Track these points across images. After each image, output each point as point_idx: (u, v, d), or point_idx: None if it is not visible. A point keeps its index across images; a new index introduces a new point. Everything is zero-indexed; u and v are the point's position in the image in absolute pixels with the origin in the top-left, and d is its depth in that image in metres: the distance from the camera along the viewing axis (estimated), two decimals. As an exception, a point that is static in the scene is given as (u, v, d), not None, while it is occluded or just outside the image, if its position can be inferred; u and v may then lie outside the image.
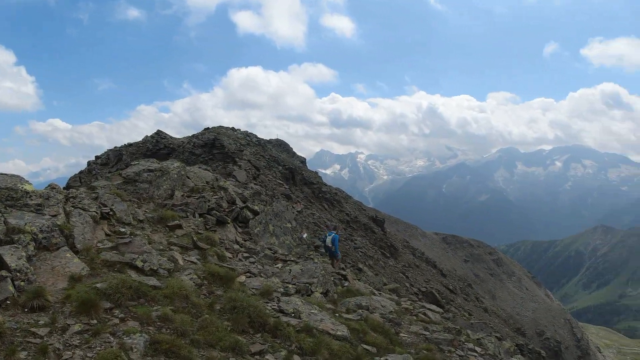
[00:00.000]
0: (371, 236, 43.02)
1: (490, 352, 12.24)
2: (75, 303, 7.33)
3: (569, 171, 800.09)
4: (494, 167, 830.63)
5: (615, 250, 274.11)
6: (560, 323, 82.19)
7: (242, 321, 8.22)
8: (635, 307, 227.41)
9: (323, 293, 11.74)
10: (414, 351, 10.05)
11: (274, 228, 16.80)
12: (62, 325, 6.88)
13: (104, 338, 6.63)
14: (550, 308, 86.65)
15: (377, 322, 10.54)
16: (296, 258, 14.62)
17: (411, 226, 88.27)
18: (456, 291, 51.97)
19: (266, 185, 31.01)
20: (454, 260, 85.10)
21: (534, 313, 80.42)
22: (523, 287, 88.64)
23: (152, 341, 6.68)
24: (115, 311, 7.53)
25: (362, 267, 28.00)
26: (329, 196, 42.82)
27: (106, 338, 6.64)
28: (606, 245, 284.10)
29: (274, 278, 11.46)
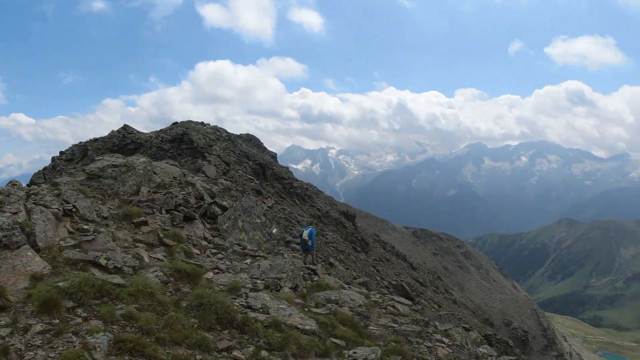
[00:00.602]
0: (342, 231, 43.16)
1: (458, 343, 12.45)
2: (36, 302, 7.16)
3: (535, 166, 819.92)
4: (463, 162, 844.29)
5: (580, 242, 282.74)
6: (527, 313, 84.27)
7: (209, 318, 8.12)
8: (599, 297, 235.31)
9: (292, 288, 11.70)
10: (383, 343, 10.13)
11: (243, 224, 16.62)
12: (23, 325, 6.74)
13: (66, 338, 6.50)
14: (517, 299, 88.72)
15: (346, 316, 10.57)
16: (265, 253, 14.52)
17: (382, 220, 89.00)
18: (426, 284, 52.69)
19: (236, 181, 30.72)
20: (424, 253, 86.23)
21: (501, 304, 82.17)
22: (491, 279, 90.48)
23: (116, 340, 6.56)
24: (78, 310, 7.37)
25: (334, 261, 28.07)
26: (300, 191, 42.74)
27: (69, 338, 6.51)
28: (570, 238, 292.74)
29: (242, 274, 11.35)
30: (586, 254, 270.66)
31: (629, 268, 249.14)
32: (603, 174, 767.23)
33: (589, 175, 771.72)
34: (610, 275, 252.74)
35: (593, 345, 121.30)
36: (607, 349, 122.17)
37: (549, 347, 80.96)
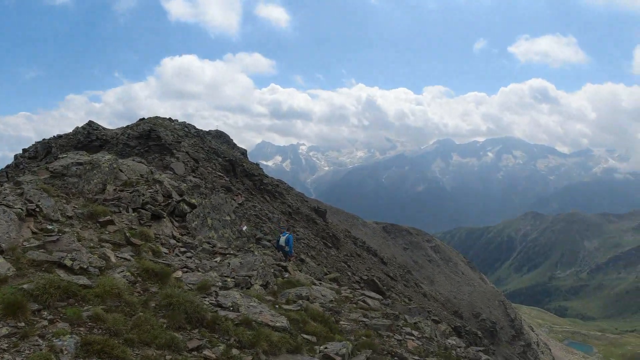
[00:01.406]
0: (313, 227, 43.23)
1: (427, 335, 12.65)
2: (1, 305, 6.95)
3: (501, 161, 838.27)
4: (431, 158, 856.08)
5: (544, 235, 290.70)
6: (494, 305, 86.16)
7: (178, 317, 8.04)
8: (564, 288, 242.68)
9: (263, 285, 11.67)
10: (354, 338, 10.22)
11: (213, 221, 16.44)
12: (-12, 329, 6.53)
13: (32, 341, 6.35)
14: (485, 291, 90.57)
15: (317, 312, 10.62)
16: (236, 251, 14.41)
17: (352, 216, 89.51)
18: (396, 278, 53.27)
19: (205, 178, 30.40)
20: (394, 248, 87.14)
21: (470, 296, 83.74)
22: (459, 272, 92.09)
23: (84, 342, 6.44)
24: (44, 313, 7.21)
25: (305, 257, 28.12)
26: (270, 188, 42.59)
27: (35, 341, 6.36)
28: (536, 231, 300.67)
29: (212, 272, 11.25)
30: (551, 246, 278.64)
31: (593, 259, 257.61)
32: (566, 169, 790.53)
33: (553, 170, 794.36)
34: (575, 266, 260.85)
35: (559, 335, 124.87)
36: (573, 338, 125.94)
37: (517, 337, 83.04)
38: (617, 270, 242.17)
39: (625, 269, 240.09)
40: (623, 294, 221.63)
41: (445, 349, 12.74)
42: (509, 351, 76.59)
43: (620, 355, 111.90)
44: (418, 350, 11.35)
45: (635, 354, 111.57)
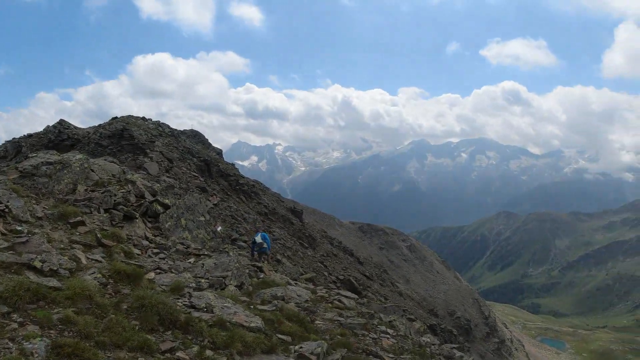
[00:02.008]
0: (290, 227, 43.14)
1: (402, 333, 12.75)
2: (-30, 308, 6.77)
3: (475, 162, 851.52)
4: (406, 159, 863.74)
5: (517, 234, 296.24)
6: (469, 302, 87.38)
7: (151, 319, 7.92)
8: (536, 286, 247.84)
9: (238, 286, 11.59)
10: (329, 337, 10.24)
11: (187, 222, 16.23)
12: (-43, 332, 6.36)
13: (2, 344, 6.21)
14: (460, 289, 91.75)
15: (292, 312, 10.60)
16: (210, 252, 14.27)
17: (329, 216, 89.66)
18: (372, 277, 53.57)
19: (180, 178, 30.06)
20: (370, 248, 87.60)
21: (445, 294, 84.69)
22: (434, 271, 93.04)
23: (54, 345, 6.32)
24: (14, 315, 7.03)
25: (281, 258, 28.02)
26: (246, 188, 42.34)
27: (5, 344, 6.21)
28: (508, 230, 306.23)
29: (185, 273, 11.12)
30: (523, 245, 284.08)
31: (564, 258, 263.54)
32: (538, 170, 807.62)
33: (525, 171, 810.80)
34: (547, 264, 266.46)
35: (532, 332, 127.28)
36: (546, 334, 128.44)
37: (491, 334, 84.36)
38: (588, 268, 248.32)
39: (596, 267, 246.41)
40: (594, 291, 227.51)
41: (419, 347, 12.87)
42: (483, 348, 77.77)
43: (592, 351, 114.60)
44: (393, 348, 11.44)
45: (606, 350, 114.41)
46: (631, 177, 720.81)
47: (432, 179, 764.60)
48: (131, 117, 40.29)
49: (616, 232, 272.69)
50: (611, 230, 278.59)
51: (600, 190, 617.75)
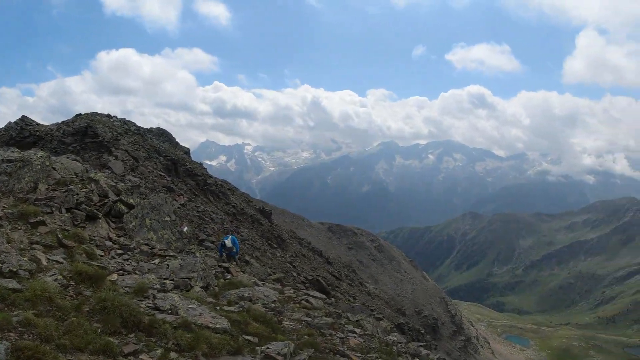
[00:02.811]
0: (258, 228, 42.90)
1: (369, 332, 12.82)
2: None
3: (442, 164, 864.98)
4: (375, 160, 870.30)
5: (482, 234, 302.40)
6: (436, 301, 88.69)
7: (113, 322, 7.74)
8: (501, 285, 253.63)
9: (204, 287, 11.42)
10: (296, 337, 10.20)
11: (152, 222, 15.91)
12: None
13: (-40, 347, 5.97)
14: (427, 288, 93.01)
15: (259, 312, 10.51)
16: (176, 253, 14.03)
17: (298, 217, 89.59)
18: (341, 277, 53.78)
19: (146, 177, 29.51)
20: (339, 248, 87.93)
21: (412, 294, 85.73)
22: (402, 271, 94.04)
23: (14, 348, 6.13)
24: (-28, 318, 6.79)
25: (249, 259, 27.82)
26: (214, 188, 41.88)
27: (-36, 347, 5.99)
28: (474, 230, 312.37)
29: (149, 275, 10.89)
30: (489, 245, 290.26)
31: (527, 257, 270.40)
32: (503, 172, 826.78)
33: (491, 173, 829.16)
34: (511, 264, 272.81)
35: (497, 329, 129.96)
36: (511, 331, 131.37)
37: (457, 332, 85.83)
38: (551, 267, 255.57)
39: (558, 266, 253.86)
40: (556, 289, 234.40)
41: (386, 345, 12.96)
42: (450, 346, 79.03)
43: (555, 348, 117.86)
44: (360, 347, 11.49)
45: (569, 346, 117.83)
46: (592, 179, 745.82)
47: (400, 180, 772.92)
48: (96, 114, 39.35)
49: (578, 233, 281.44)
50: (573, 230, 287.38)
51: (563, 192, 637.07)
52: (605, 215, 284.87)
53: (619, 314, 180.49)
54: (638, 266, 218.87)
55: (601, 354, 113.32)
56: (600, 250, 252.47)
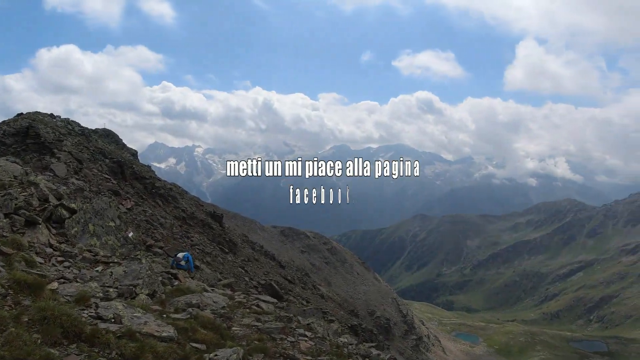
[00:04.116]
0: (209, 232, 42.18)
1: (320, 335, 12.82)
2: None
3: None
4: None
5: (432, 235, 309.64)
6: (388, 302, 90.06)
7: (54, 332, 7.42)
8: (450, 284, 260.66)
9: (149, 294, 11.08)
10: (246, 343, 10.08)
11: (95, 228, 15.32)
12: None
13: None
14: (379, 289, 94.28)
15: (207, 319, 10.30)
16: (120, 259, 13.56)
17: (250, 220, 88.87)
18: (294, 281, 53.69)
19: (90, 181, 28.46)
20: (292, 251, 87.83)
21: (365, 295, 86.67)
22: (355, 273, 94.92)
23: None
24: None
25: (200, 264, 27.30)
26: (163, 192, 40.88)
27: None
28: (424, 232, 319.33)
29: (92, 283, 10.48)
30: (438, 246, 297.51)
31: (475, 257, 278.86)
32: (451, 175, 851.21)
33: (439, 176, 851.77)
34: (459, 263, 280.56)
35: (448, 327, 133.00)
36: (460, 329, 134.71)
37: (409, 331, 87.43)
38: (497, 266, 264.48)
39: (504, 265, 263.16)
40: (502, 287, 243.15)
41: (337, 347, 13.00)
42: (402, 345, 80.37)
43: (503, 343, 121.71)
44: (311, 351, 11.47)
45: (516, 342, 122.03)
46: (535, 182, 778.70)
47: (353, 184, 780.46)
48: (38, 113, 37.65)
49: (521, 233, 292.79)
50: (517, 231, 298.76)
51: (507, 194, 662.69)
52: (547, 216, 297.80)
53: (562, 310, 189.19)
54: (579, 264, 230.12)
55: (547, 349, 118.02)
56: (543, 249, 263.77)
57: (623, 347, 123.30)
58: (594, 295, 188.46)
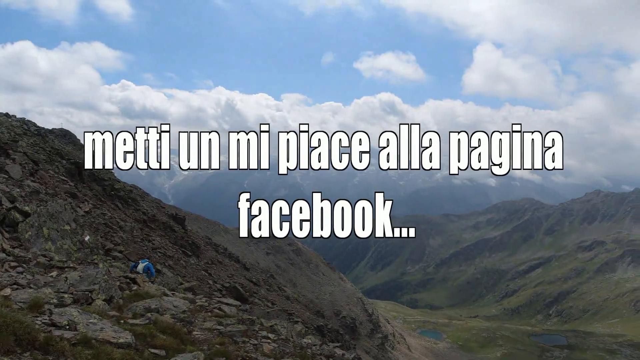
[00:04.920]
0: (171, 235, 41.42)
1: (283, 337, 12.77)
2: None
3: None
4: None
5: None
6: (353, 302, 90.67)
7: (6, 340, 7.12)
8: (414, 282, 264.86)
9: (106, 300, 10.75)
10: (207, 347, 9.92)
11: (50, 231, 14.76)
12: None
13: None
14: (345, 289, 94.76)
15: (167, 324, 10.07)
16: (77, 264, 13.13)
17: (213, 223, 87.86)
18: (259, 283, 53.33)
19: (47, 183, 27.49)
20: (257, 253, 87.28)
21: (331, 295, 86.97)
22: (320, 273, 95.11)
23: None
24: None
25: (161, 268, 26.75)
26: (122, 194, 39.91)
27: None
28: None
29: (46, 288, 10.10)
30: (401, 245, 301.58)
31: (437, 255, 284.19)
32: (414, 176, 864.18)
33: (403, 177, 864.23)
34: (422, 262, 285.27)
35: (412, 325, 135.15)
36: (424, 326, 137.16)
37: (375, 330, 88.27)
38: (459, 264, 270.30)
39: (465, 263, 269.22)
40: (464, 285, 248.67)
41: (300, 349, 12.97)
42: (368, 344, 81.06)
43: (466, 339, 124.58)
44: (274, 353, 11.39)
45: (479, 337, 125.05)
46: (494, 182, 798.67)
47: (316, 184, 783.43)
48: (-9, 114, 36.19)
49: (482, 231, 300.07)
50: (478, 229, 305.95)
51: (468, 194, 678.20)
52: (506, 215, 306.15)
53: (522, 305, 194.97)
54: (537, 261, 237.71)
55: (508, 343, 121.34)
56: (502, 247, 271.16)
57: (581, 340, 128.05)
58: (553, 291, 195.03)
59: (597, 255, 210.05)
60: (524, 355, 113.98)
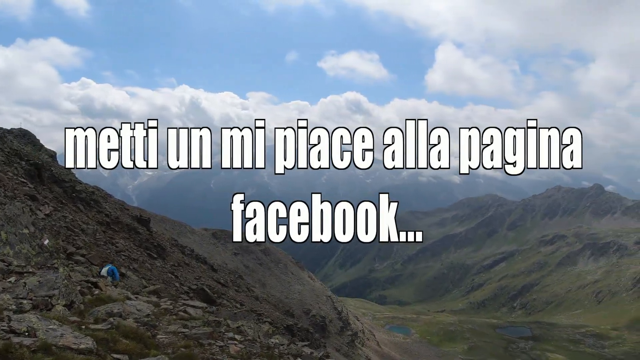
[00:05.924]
0: (135, 237, 40.67)
1: (250, 337, 12.75)
2: None
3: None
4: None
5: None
6: (323, 300, 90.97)
7: (-40, 350, 6.91)
8: (382, 279, 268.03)
9: (67, 305, 10.52)
10: (172, 351, 9.82)
11: (8, 235, 14.30)
12: None
13: None
14: (314, 288, 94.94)
15: (130, 328, 9.92)
16: (36, 269, 12.79)
17: (179, 224, 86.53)
18: (227, 284, 52.90)
19: (5, 185, 26.63)
20: (224, 254, 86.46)
21: (300, 294, 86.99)
22: (289, 272, 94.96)
23: None
24: None
25: (126, 271, 26.26)
26: (84, 196, 38.95)
27: None
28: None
29: (4, 295, 9.81)
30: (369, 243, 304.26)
31: (404, 252, 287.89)
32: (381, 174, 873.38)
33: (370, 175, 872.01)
34: (390, 259, 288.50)
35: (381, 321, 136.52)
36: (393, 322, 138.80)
37: (345, 328, 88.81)
38: (425, 260, 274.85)
39: (432, 258, 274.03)
40: (431, 280, 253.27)
41: (268, 349, 12.98)
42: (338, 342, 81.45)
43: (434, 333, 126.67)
44: (240, 354, 11.37)
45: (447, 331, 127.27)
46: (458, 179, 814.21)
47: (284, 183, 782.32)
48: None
49: (447, 227, 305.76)
50: (443, 225, 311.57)
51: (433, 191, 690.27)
52: (471, 211, 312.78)
53: (488, 299, 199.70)
54: (501, 255, 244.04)
55: (475, 336, 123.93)
56: (468, 242, 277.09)
57: (546, 331, 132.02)
58: (517, 284, 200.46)
59: (558, 249, 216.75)
60: (490, 348, 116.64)
